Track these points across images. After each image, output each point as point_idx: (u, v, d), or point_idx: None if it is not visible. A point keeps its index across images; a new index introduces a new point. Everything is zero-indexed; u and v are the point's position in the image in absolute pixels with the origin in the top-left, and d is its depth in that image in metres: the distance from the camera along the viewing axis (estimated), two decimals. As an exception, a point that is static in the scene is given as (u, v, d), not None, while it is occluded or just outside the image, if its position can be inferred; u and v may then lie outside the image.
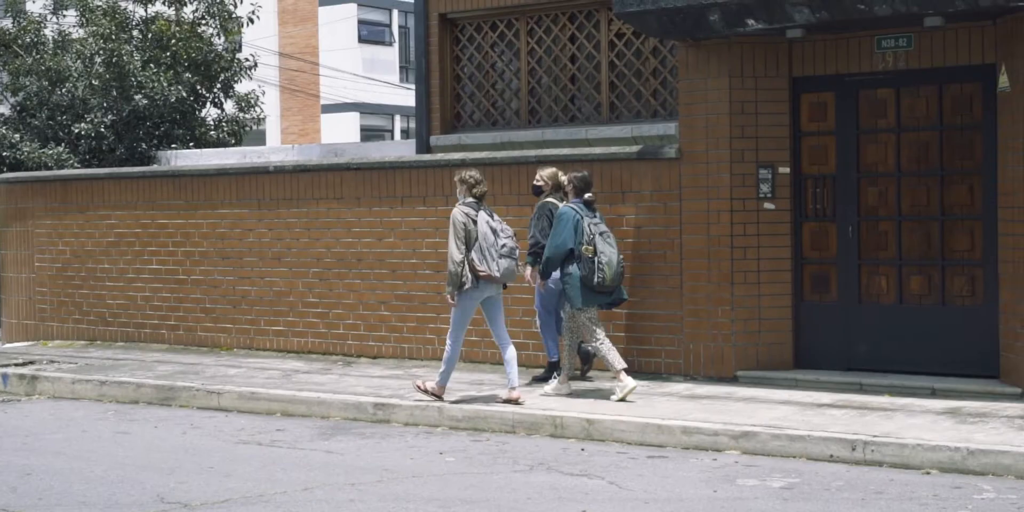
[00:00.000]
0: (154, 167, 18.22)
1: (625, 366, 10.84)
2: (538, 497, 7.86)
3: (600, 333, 10.83)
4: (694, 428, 9.47)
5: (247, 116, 25.25)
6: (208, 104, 24.45)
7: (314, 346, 14.09)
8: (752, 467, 8.72)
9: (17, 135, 23.25)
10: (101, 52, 22.80)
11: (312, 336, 14.11)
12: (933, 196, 11.20)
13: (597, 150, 12.43)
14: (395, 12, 44.17)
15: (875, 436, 8.90)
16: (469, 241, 10.54)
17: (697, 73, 11.75)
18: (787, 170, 11.63)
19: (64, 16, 24.65)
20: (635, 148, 12.22)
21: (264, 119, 27.42)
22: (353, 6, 43.15)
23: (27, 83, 23.65)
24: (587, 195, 11.03)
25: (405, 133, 42.63)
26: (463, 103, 15.44)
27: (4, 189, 17.29)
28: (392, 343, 13.52)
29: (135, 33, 23.94)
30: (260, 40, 36.86)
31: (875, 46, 11.24)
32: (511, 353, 10.70)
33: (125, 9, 23.95)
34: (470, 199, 10.73)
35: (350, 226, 13.82)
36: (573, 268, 10.73)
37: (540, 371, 12.07)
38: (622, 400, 10.59)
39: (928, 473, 8.49)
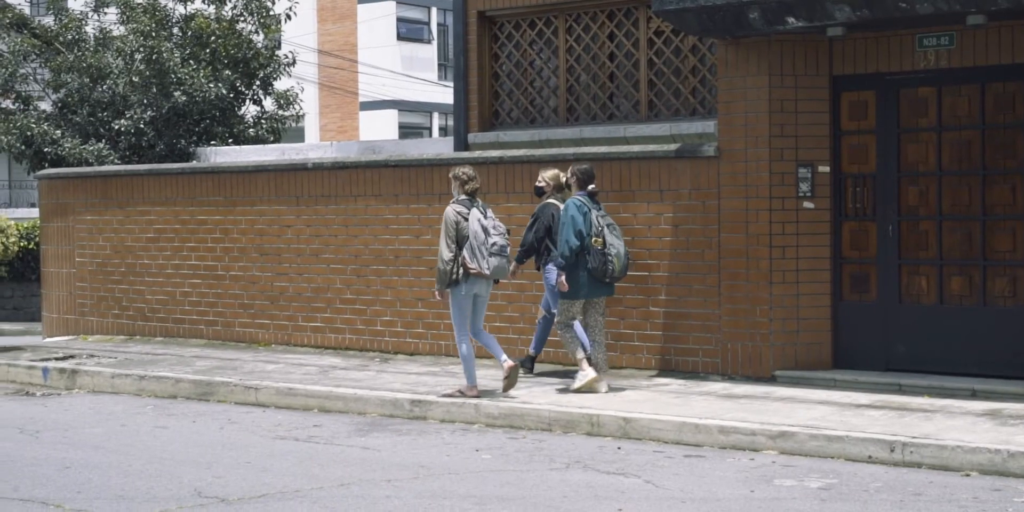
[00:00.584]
0: (193, 164, 18.31)
1: (584, 357, 11.04)
2: (574, 495, 7.85)
3: (578, 327, 11.08)
4: (731, 427, 9.43)
5: (286, 113, 25.37)
6: (247, 101, 24.57)
7: (351, 343, 14.12)
8: (790, 467, 8.68)
9: (59, 131, 23.44)
10: (141, 49, 22.94)
11: (349, 332, 14.14)
12: (975, 196, 11.11)
13: (635, 148, 12.41)
14: (434, 10, 44.22)
15: (914, 437, 8.84)
16: (461, 239, 10.71)
17: (736, 71, 11.70)
18: (827, 169, 11.56)
19: (105, 13, 24.82)
20: (673, 146, 12.18)
21: (303, 116, 27.54)
22: (392, 4, 43.24)
23: (68, 80, 23.84)
24: (591, 187, 11.13)
25: (443, 130, 42.69)
26: (501, 101, 15.44)
27: (45, 185, 17.41)
28: (429, 340, 13.54)
29: (175, 31, 24.07)
30: (299, 37, 36.99)
31: (916, 44, 11.16)
32: (486, 338, 10.99)
33: (165, 6, 24.09)
34: (463, 196, 10.86)
35: (388, 223, 13.84)
36: (579, 260, 10.86)
37: (554, 368, 12.33)
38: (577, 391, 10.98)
39: (968, 475, 8.42)
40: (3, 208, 33.77)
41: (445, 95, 35.41)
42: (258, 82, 24.41)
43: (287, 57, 24.77)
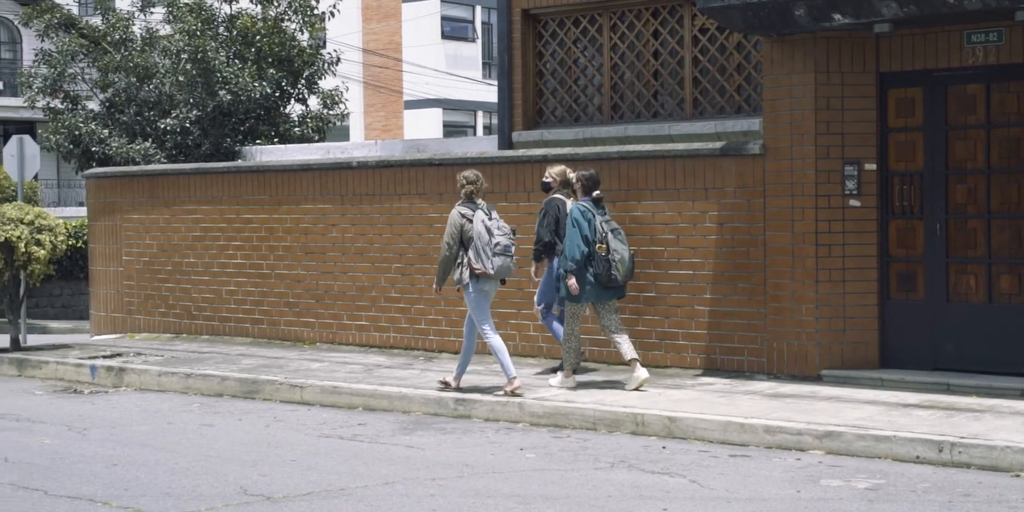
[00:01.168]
0: (239, 163, 18.40)
1: (575, 369, 11.31)
2: (619, 495, 7.83)
3: (574, 331, 11.20)
4: (777, 427, 9.38)
5: (331, 112, 25.46)
6: (292, 100, 24.67)
7: (396, 341, 14.14)
8: (836, 467, 8.62)
9: (106, 131, 23.63)
10: (187, 49, 23.07)
11: (394, 331, 14.17)
12: (1024, 193, 11.00)
13: (680, 146, 12.36)
14: (478, 8, 44.24)
15: (963, 437, 8.75)
16: (466, 240, 10.96)
17: (782, 68, 11.63)
18: (873, 166, 11.48)
19: (151, 13, 24.99)
20: (718, 144, 12.12)
21: (348, 115, 27.63)
22: (436, 2, 43.29)
23: (116, 79, 24.02)
24: (595, 193, 11.21)
25: (487, 129, 42.71)
26: (545, 99, 15.42)
27: (93, 184, 17.55)
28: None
29: (220, 30, 24.21)
30: (344, 36, 37.11)
31: (964, 41, 11.05)
32: (498, 343, 11.06)
33: (211, 6, 24.23)
34: (466, 199, 11.12)
35: (432, 221, 13.85)
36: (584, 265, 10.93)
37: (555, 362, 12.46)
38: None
39: (1018, 476, 8.33)
40: (52, 207, 34.07)
41: (489, 93, 35.41)
42: (303, 81, 24.51)
43: (331, 55, 24.86)
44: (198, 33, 23.26)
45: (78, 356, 14.40)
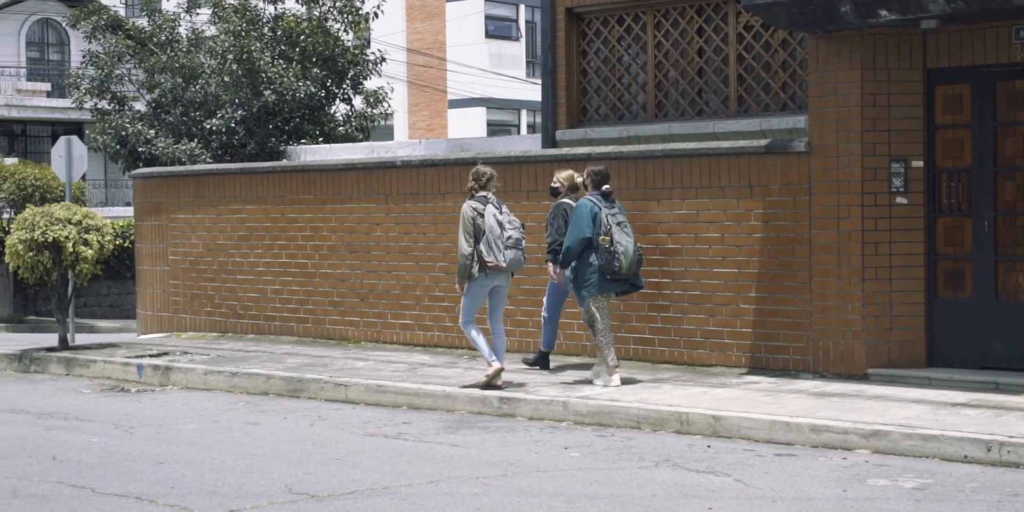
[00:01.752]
0: (284, 162, 18.48)
1: (618, 365, 11.36)
2: (663, 494, 7.80)
3: (605, 327, 11.28)
4: (823, 426, 9.32)
5: (375, 112, 25.51)
6: (337, 100, 24.74)
7: (440, 340, 14.16)
8: (883, 467, 8.55)
9: (152, 131, 23.78)
10: (232, 49, 23.18)
11: (438, 330, 14.18)
12: (1074, 190, 10.87)
13: (724, 144, 12.30)
14: (522, 7, 44.23)
15: (1011, 437, 8.66)
16: (478, 234, 11.22)
17: (827, 65, 11.55)
18: (920, 164, 11.38)
19: (197, 14, 25.14)
20: (763, 142, 12.06)
21: (392, 114, 27.68)
22: (480, 1, 43.33)
23: (162, 80, 24.17)
24: (605, 187, 11.39)
25: (531, 128, 42.69)
26: (589, 97, 15.39)
27: (139, 184, 17.67)
28: (517, 337, 13.53)
29: (265, 30, 24.31)
30: (389, 36, 37.21)
31: (1013, 36, 10.93)
32: (502, 343, 11.52)
33: (256, 6, 24.34)
34: (480, 194, 11.39)
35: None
36: (592, 258, 11.14)
37: (532, 356, 12.71)
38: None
39: (1067, 475, 8.25)
40: (99, 207, 34.34)
41: (533, 92, 35.40)
42: (348, 81, 24.59)
43: (375, 55, 24.92)
44: (243, 34, 23.38)
45: (125, 355, 14.50)
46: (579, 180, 11.94)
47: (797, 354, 11.75)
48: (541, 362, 12.53)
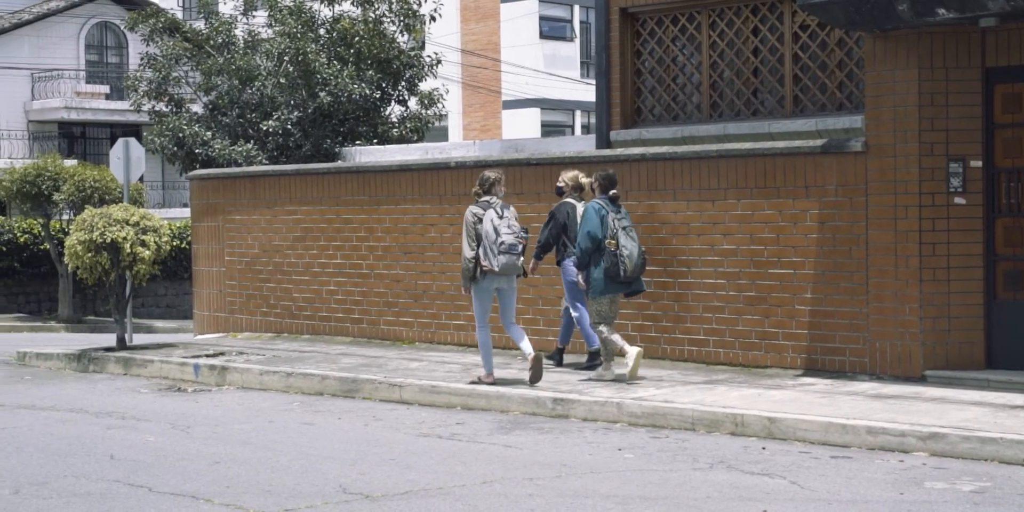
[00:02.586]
0: (338, 163, 18.56)
1: (636, 350, 11.56)
2: (718, 496, 7.76)
3: (605, 326, 11.57)
4: (880, 428, 9.23)
5: (430, 113, 25.56)
6: (392, 101, 24.81)
7: (494, 341, 14.12)
8: (941, 470, 8.46)
9: (209, 133, 23.97)
10: (288, 50, 23.31)
11: (492, 331, 14.15)
12: None
13: (780, 144, 12.23)
14: (576, 7, 44.19)
15: (1072, 440, 8.55)
16: (479, 239, 11.49)
17: (884, 64, 11.45)
18: (979, 163, 11.26)
19: (253, 16, 25.31)
20: (819, 142, 11.97)
21: (446, 116, 27.74)
22: (535, 2, 43.33)
23: (218, 82, 24.36)
24: (612, 192, 11.61)
25: (586, 128, 42.64)
26: (643, 98, 15.35)
27: (196, 185, 17.81)
28: (571, 338, 13.49)
29: (321, 32, 24.44)
30: (443, 37, 37.29)
31: (1074, 34, 10.80)
32: (515, 330, 11.77)
33: (311, 8, 24.47)
34: (484, 199, 11.64)
35: (529, 221, 13.82)
36: (596, 260, 11.40)
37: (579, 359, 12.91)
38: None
39: None
40: (157, 208, 34.65)
41: (587, 93, 35.34)
42: (403, 82, 24.66)
43: (431, 58, 24.98)
44: (298, 35, 23.51)
45: (182, 355, 14.62)
46: (584, 180, 12.24)
47: (853, 355, 11.66)
48: (555, 357, 12.93)
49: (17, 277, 28.17)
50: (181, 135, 23.84)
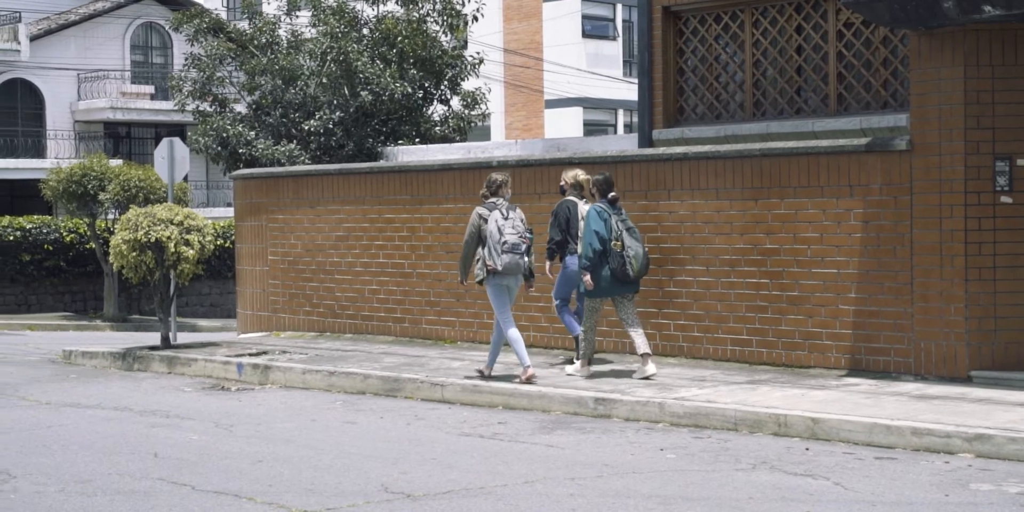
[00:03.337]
0: (381, 163, 18.60)
1: (590, 359, 12.08)
2: (760, 497, 7.72)
3: (592, 324, 11.97)
4: (925, 429, 9.16)
5: (472, 112, 25.58)
6: (435, 101, 24.85)
7: (535, 340, 14.14)
8: (987, 471, 8.38)
9: (252, 132, 24.08)
10: (330, 50, 23.38)
11: (534, 330, 14.17)
12: None
13: (823, 143, 12.15)
14: (619, 6, 44.11)
15: (1121, 442, 8.45)
16: (483, 239, 11.85)
17: (930, 62, 11.36)
18: (1026, 162, 11.14)
19: (297, 17, 25.41)
20: (863, 140, 11.89)
21: (489, 115, 27.75)
22: (577, 1, 43.29)
23: (262, 82, 24.47)
24: (611, 195, 11.83)
25: (628, 127, 42.56)
26: (686, 96, 15.30)
27: (240, 185, 17.90)
28: (613, 338, 13.48)
29: (364, 31, 24.50)
30: (485, 36, 37.32)
31: (1123, 31, 10.67)
32: (514, 334, 11.89)
33: (354, 8, 24.54)
34: (490, 200, 11.96)
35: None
36: (601, 262, 11.59)
37: (569, 354, 13.21)
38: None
39: None
40: (201, 208, 34.88)
41: (630, 92, 35.28)
42: (446, 82, 24.69)
43: (474, 57, 25.00)
44: (341, 35, 23.58)
45: (225, 354, 14.69)
46: (582, 178, 12.47)
47: (898, 356, 11.57)
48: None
49: (63, 276, 28.42)
50: (225, 135, 23.96)
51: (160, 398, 12.47)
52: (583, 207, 12.27)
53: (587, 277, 11.67)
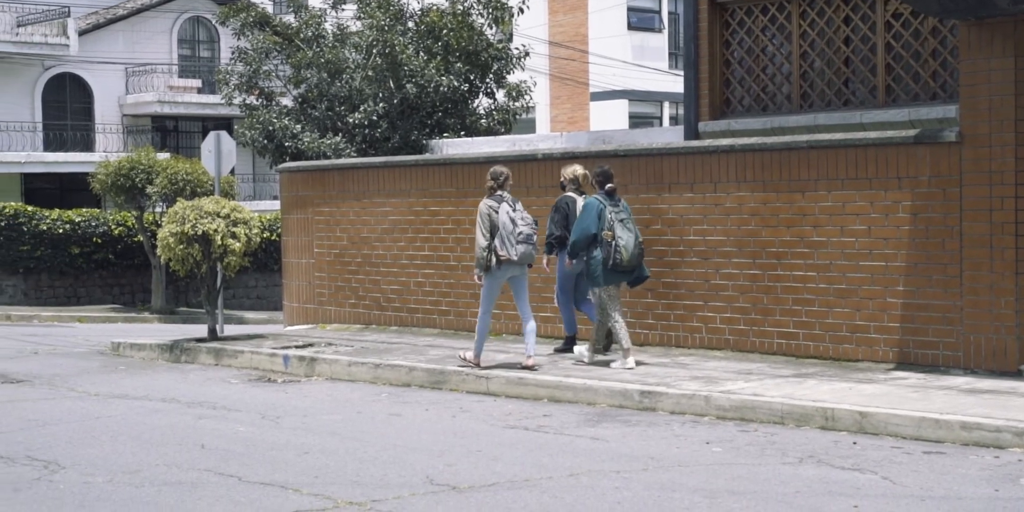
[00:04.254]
0: (426, 156, 18.62)
1: (631, 347, 12.18)
2: (807, 490, 7.67)
3: (615, 313, 12.17)
4: (974, 423, 9.07)
5: (517, 105, 25.55)
6: (480, 94, 24.82)
7: (583, 333, 14.11)
8: (1037, 466, 8.30)
9: (298, 126, 24.16)
10: (375, 43, 23.41)
11: (579, 323, 14.14)
12: None
13: (872, 135, 12.05)
14: (664, -2, 43.91)
15: None
16: (493, 230, 12.13)
17: (980, 53, 11.23)
18: (1078, 154, 11.00)
19: (342, 10, 25.46)
20: (912, 132, 11.78)
21: (533, 107, 27.71)
22: (622, -7, 43.10)
23: (308, 75, 24.53)
24: (608, 186, 12.23)
25: (674, 120, 42.39)
26: (732, 88, 15.21)
27: (286, 178, 17.96)
28: (659, 331, 13.44)
29: (409, 24, 24.51)
30: (531, 29, 37.27)
31: None
32: (531, 326, 12.36)
33: (400, 1, 24.56)
34: (497, 193, 12.27)
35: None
36: (597, 252, 12.04)
37: (560, 343, 13.67)
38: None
39: None
40: (247, 201, 35.05)
41: (675, 84, 35.12)
42: (491, 75, 24.67)
43: (519, 50, 24.96)
44: (386, 28, 23.61)
45: (272, 346, 14.76)
46: (580, 173, 12.99)
47: (947, 349, 11.47)
48: (567, 346, 13.46)
49: (112, 269, 28.64)
50: (271, 128, 24.05)
51: (207, 390, 12.55)
52: (581, 202, 12.69)
53: (569, 263, 12.49)
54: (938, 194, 11.50)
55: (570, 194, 13.03)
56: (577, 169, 13.11)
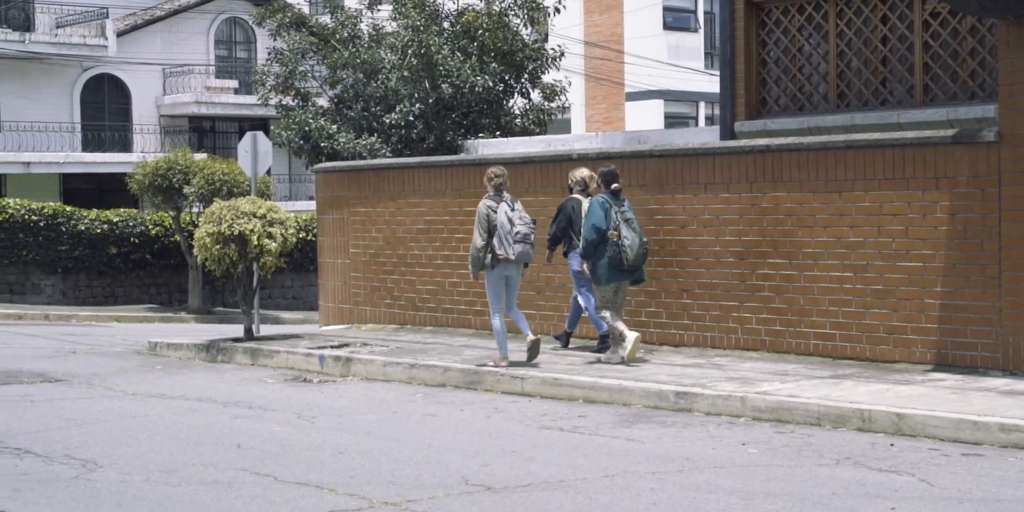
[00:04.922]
0: (461, 156, 18.64)
1: (634, 334, 12.36)
2: (844, 492, 7.62)
3: (610, 312, 12.34)
4: (1013, 426, 8.99)
5: (552, 105, 25.53)
6: (516, 94, 24.81)
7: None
8: (1077, 469, 8.22)
9: (334, 126, 24.22)
10: (411, 43, 23.43)
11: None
12: None
13: (909, 134, 11.97)
14: (700, -2, 43.78)
15: None
16: (491, 229, 12.32)
17: (1019, 52, 11.14)
18: (1118, 153, 10.90)
19: (378, 10, 25.50)
20: (950, 132, 11.69)
21: (569, 108, 27.68)
22: (658, -7, 43.00)
23: (344, 76, 24.59)
24: (614, 186, 12.41)
25: (710, 120, 42.27)
26: (768, 88, 15.15)
27: (322, 178, 18.01)
28: (694, 331, 13.40)
29: (445, 25, 24.52)
30: (566, 29, 37.24)
31: None
32: (517, 313, 12.72)
33: (435, 1, 24.57)
34: (493, 192, 12.47)
35: (652, 213, 13.76)
36: (602, 251, 12.20)
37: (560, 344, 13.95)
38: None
39: None
40: (283, 201, 35.16)
41: (711, 84, 34.98)
42: (526, 75, 24.66)
43: (555, 50, 24.94)
44: (422, 29, 23.64)
45: (307, 346, 14.80)
46: (586, 175, 13.17)
47: (985, 351, 11.38)
48: (565, 339, 13.92)
49: (149, 269, 28.80)
50: (307, 129, 24.12)
51: (243, 389, 12.59)
52: (587, 204, 12.80)
53: (586, 265, 12.40)
54: (976, 194, 11.42)
55: (576, 196, 13.24)
56: (584, 171, 13.31)
